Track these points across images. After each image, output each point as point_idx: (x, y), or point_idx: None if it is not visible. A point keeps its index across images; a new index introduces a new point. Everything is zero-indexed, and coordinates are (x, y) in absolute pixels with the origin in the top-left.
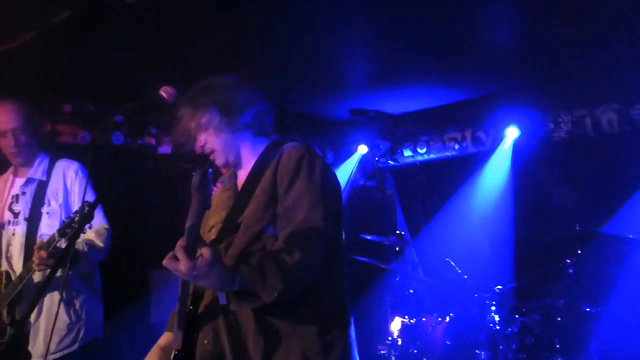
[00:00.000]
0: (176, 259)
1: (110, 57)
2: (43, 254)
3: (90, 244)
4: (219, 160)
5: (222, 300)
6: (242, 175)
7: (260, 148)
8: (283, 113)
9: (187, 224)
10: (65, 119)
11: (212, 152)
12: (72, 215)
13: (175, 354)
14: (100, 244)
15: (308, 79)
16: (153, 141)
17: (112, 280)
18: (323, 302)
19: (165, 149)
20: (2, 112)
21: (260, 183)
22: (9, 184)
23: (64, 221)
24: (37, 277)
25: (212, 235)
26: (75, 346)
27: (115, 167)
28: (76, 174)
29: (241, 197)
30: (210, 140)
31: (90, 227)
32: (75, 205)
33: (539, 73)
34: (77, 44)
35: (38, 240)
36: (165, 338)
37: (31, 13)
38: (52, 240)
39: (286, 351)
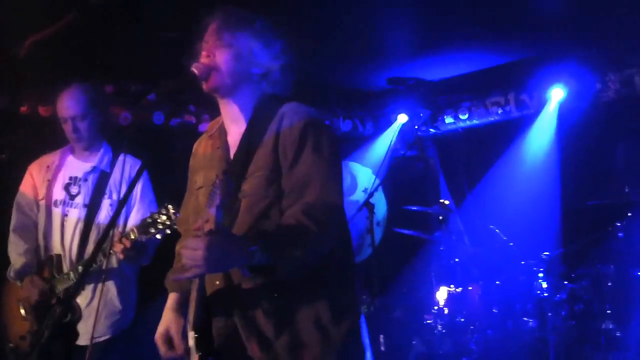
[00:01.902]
0: (191, 250)
1: (153, 37)
2: (127, 243)
3: (153, 238)
4: (212, 81)
5: (246, 273)
6: (234, 131)
7: (253, 100)
8: (321, 86)
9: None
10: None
11: (211, 69)
12: (153, 214)
13: (195, 338)
14: (158, 236)
15: (344, 49)
16: (193, 119)
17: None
18: (333, 279)
19: (205, 126)
20: (65, 99)
21: (259, 152)
22: (69, 163)
23: (144, 219)
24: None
25: (201, 196)
26: (120, 330)
27: (156, 146)
28: (137, 171)
29: (236, 165)
30: (220, 59)
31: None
32: (135, 201)
33: (585, 32)
34: (118, 25)
35: (117, 231)
36: (171, 299)
37: None
38: (129, 233)
39: (298, 322)
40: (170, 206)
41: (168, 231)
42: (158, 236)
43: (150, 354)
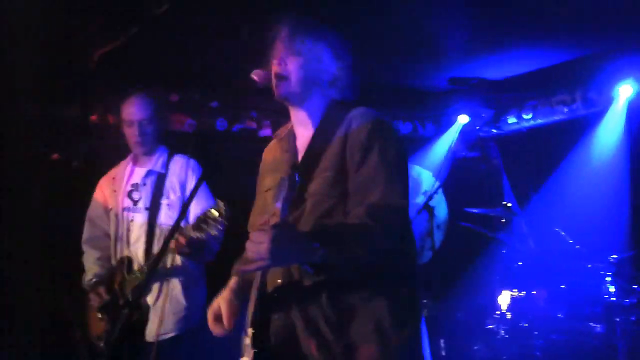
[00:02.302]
0: (255, 243)
1: (215, 45)
2: (182, 239)
3: (213, 236)
4: (283, 88)
5: (309, 270)
6: (302, 135)
7: (322, 106)
8: (381, 87)
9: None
10: (172, 108)
11: (283, 77)
12: (206, 211)
13: (253, 334)
14: (213, 232)
15: (404, 50)
16: (254, 125)
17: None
18: (395, 283)
19: (266, 131)
20: (133, 103)
21: (326, 154)
22: (127, 171)
23: (198, 217)
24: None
25: (269, 197)
26: (187, 328)
27: (219, 152)
28: (193, 170)
29: (305, 167)
30: (290, 67)
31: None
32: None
33: None
34: (182, 35)
35: (172, 229)
36: (232, 281)
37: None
38: (186, 231)
39: (359, 325)
40: (221, 202)
41: (220, 227)
42: (213, 232)
43: (215, 356)
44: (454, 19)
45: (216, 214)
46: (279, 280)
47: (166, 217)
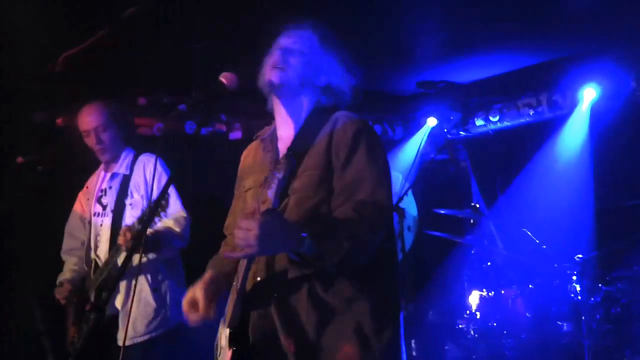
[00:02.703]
0: (244, 230)
1: (183, 48)
2: (128, 234)
3: (168, 229)
4: (277, 77)
5: (293, 257)
6: (285, 136)
7: (308, 107)
8: (351, 91)
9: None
10: (141, 112)
11: (282, 68)
12: (151, 204)
13: (230, 332)
14: (178, 229)
15: (373, 54)
16: (224, 128)
17: (194, 269)
18: (376, 284)
19: (236, 134)
20: (87, 113)
21: (311, 152)
22: (99, 179)
23: (143, 210)
24: (121, 263)
25: (249, 197)
26: (161, 330)
27: (188, 155)
28: (155, 166)
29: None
30: (294, 61)
31: (166, 215)
32: (154, 197)
33: (617, 30)
34: (149, 37)
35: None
36: (207, 274)
37: (102, 10)
38: (132, 227)
39: (339, 326)
40: (166, 195)
41: (176, 229)
42: (157, 225)
43: (198, 357)
44: (422, 24)
45: (154, 207)
46: (259, 278)
47: (130, 217)
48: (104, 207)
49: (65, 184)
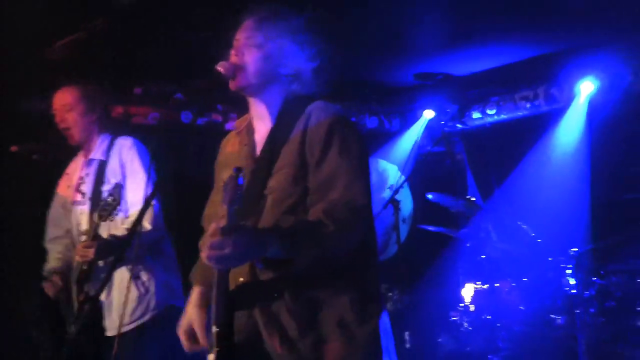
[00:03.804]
0: (212, 250)
1: (180, 37)
2: (86, 252)
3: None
4: (238, 80)
5: (259, 265)
6: (261, 129)
7: (280, 100)
8: (346, 82)
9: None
10: (136, 101)
11: (239, 68)
12: (106, 199)
13: (216, 332)
14: (147, 225)
15: (369, 45)
16: (220, 118)
17: (189, 252)
18: (357, 276)
19: (232, 125)
20: (58, 93)
21: (286, 149)
22: (79, 166)
23: (100, 203)
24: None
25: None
26: (147, 316)
27: (184, 144)
28: (130, 148)
29: (263, 162)
30: (248, 58)
31: (127, 211)
32: (129, 180)
33: (615, 23)
34: (144, 26)
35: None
36: (195, 293)
37: None
38: (93, 225)
39: (322, 319)
40: (117, 185)
41: (147, 226)
42: (112, 218)
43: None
44: (420, 15)
45: (111, 199)
46: (242, 279)
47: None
48: (83, 195)
49: (60, 172)
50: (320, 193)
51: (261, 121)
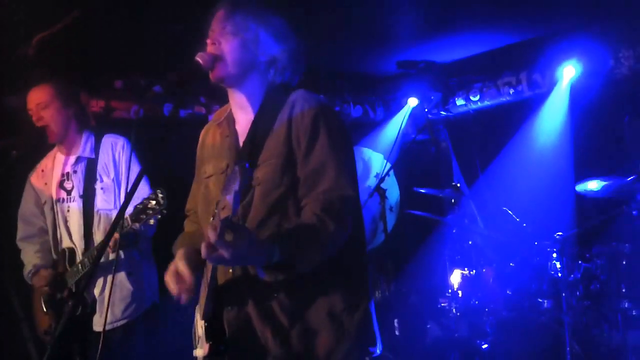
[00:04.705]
0: (214, 248)
1: (159, 30)
2: (117, 236)
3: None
4: (217, 71)
5: (261, 275)
6: (242, 119)
7: (261, 89)
8: (330, 72)
9: (223, 217)
10: (117, 95)
11: (218, 58)
12: (144, 201)
13: (205, 327)
14: (151, 222)
15: (351, 34)
16: (203, 110)
17: (167, 249)
18: (347, 265)
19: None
20: (32, 92)
21: (270, 140)
22: (57, 162)
23: (136, 206)
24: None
25: (212, 185)
26: (139, 312)
27: (166, 137)
28: (123, 148)
29: (247, 152)
30: (225, 48)
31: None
32: (124, 180)
33: (595, 7)
34: (124, 19)
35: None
36: (180, 252)
37: None
38: (125, 224)
39: (313, 310)
40: (159, 191)
41: (159, 216)
42: (150, 222)
43: (174, 333)
44: (401, 3)
45: (154, 203)
46: (231, 271)
47: (102, 201)
48: (69, 192)
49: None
50: (310, 183)
51: (242, 111)
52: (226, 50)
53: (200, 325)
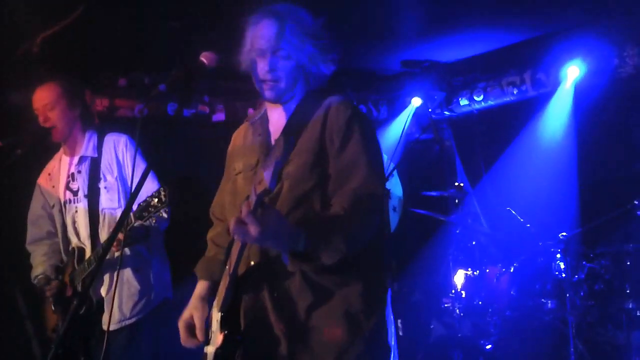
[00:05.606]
0: (243, 223)
1: (163, 28)
2: (121, 236)
3: (158, 216)
4: (274, 92)
5: (286, 261)
6: (276, 119)
7: (299, 94)
8: (335, 71)
9: (258, 191)
10: (121, 93)
11: (275, 82)
12: (147, 199)
13: (222, 316)
14: (164, 214)
15: (357, 33)
16: (207, 109)
17: (176, 249)
18: (367, 265)
19: (219, 116)
20: (37, 92)
21: (303, 137)
22: (63, 163)
23: (139, 204)
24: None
25: (240, 180)
26: (147, 311)
27: (170, 137)
28: (126, 146)
29: (279, 148)
30: (284, 73)
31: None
32: (129, 178)
33: (600, 6)
34: (129, 17)
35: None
36: (201, 287)
37: None
38: (128, 222)
39: (330, 307)
40: (162, 188)
41: (164, 215)
42: (153, 221)
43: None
44: (406, 2)
45: (156, 201)
46: (253, 262)
47: (107, 200)
48: (75, 193)
49: (43, 168)
50: (342, 179)
51: (278, 112)
52: (282, 75)
53: (215, 319)
